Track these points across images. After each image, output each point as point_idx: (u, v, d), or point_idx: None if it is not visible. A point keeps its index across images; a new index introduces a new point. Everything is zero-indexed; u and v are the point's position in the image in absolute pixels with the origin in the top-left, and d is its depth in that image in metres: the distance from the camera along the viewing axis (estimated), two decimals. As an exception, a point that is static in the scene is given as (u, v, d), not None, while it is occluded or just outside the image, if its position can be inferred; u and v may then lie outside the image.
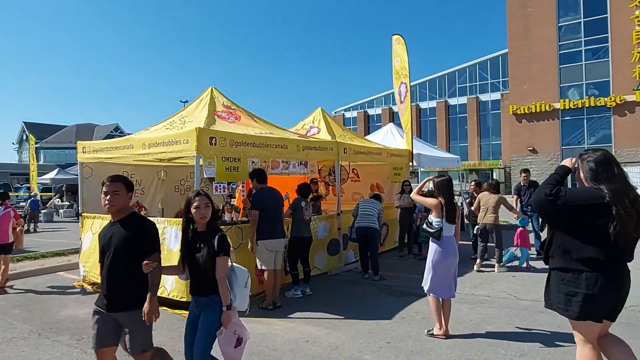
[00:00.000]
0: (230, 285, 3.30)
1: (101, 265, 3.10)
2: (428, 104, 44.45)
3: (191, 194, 3.36)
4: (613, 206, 2.70)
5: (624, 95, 28.12)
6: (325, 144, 7.58)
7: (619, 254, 2.83)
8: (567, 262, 2.92)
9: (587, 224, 2.81)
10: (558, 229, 3.01)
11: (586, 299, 2.84)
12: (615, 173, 2.82)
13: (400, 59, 9.34)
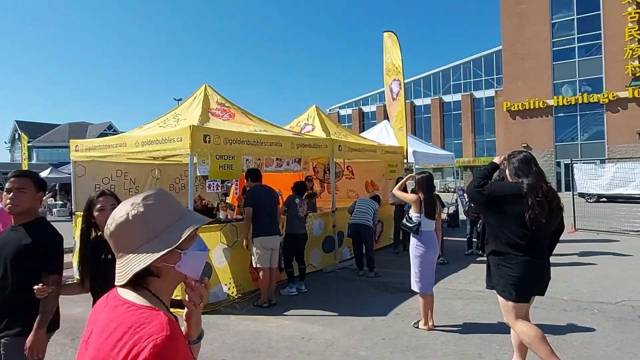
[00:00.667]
0: None
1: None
2: (423, 101, 44.49)
3: (94, 194, 2.68)
4: (528, 197, 3.23)
5: (617, 91, 28.29)
6: (319, 142, 7.58)
7: (538, 238, 3.32)
8: (499, 246, 3.42)
9: (508, 212, 3.31)
10: (488, 217, 3.58)
11: (520, 282, 3.31)
12: (532, 171, 3.35)
13: (392, 56, 9.33)
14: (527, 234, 3.27)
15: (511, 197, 3.31)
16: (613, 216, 13.19)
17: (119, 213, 1.13)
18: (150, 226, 1.11)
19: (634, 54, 27.65)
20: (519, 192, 3.27)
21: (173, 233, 1.12)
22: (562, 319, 5.06)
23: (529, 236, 3.27)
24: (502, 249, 3.39)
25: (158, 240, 1.10)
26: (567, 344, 4.39)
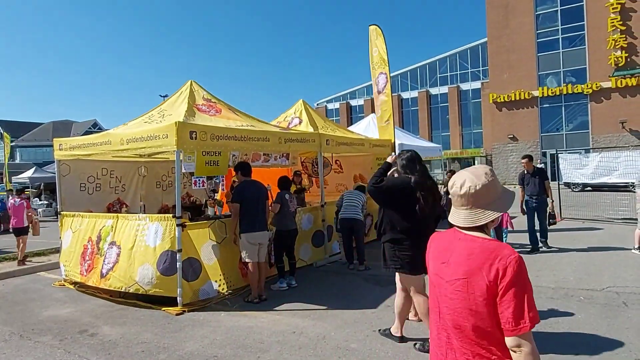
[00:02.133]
0: None
1: None
2: (410, 94, 44.61)
3: None
4: (416, 192, 3.82)
5: (600, 82, 28.65)
6: (307, 136, 7.56)
7: (425, 224, 3.92)
8: (395, 234, 4.02)
9: (401, 203, 3.90)
10: (386, 209, 4.11)
11: (412, 259, 3.96)
12: (417, 168, 3.95)
13: (378, 49, 9.31)
14: (416, 222, 3.91)
15: (404, 190, 3.88)
16: (598, 204, 13.40)
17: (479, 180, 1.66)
18: (496, 192, 1.66)
19: (616, 45, 28.00)
20: (408, 187, 3.86)
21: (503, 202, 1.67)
22: (549, 306, 5.13)
23: (418, 223, 3.91)
24: (398, 236, 4.02)
25: (496, 204, 1.66)
26: (554, 330, 4.46)
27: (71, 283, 7.11)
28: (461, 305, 1.59)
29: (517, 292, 1.50)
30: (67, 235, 7.13)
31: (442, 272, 1.71)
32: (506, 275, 1.50)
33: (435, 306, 1.75)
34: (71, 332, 5.04)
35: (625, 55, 27.84)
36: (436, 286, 1.74)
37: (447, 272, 1.68)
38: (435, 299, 1.76)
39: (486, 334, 1.55)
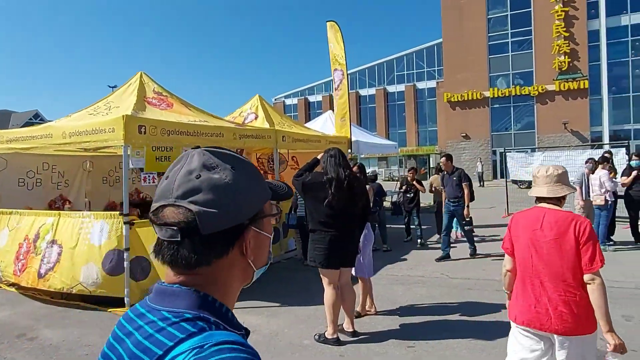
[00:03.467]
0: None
1: None
2: (368, 91, 45.13)
3: None
4: (329, 186, 4.05)
5: (546, 85, 30.11)
6: (263, 132, 7.47)
7: (341, 217, 4.14)
8: (314, 225, 4.24)
9: (318, 196, 4.11)
10: (305, 201, 4.37)
11: (326, 252, 4.15)
12: (335, 163, 4.14)
13: (335, 46, 9.34)
14: (332, 214, 4.11)
15: (320, 184, 4.11)
16: (542, 201, 14.09)
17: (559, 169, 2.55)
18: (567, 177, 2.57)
19: (560, 50, 29.49)
20: (324, 180, 4.10)
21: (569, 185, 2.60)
22: (495, 298, 5.33)
23: (334, 216, 4.12)
24: (315, 226, 4.22)
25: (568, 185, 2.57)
26: (500, 321, 4.63)
27: (8, 285, 6.69)
28: (556, 257, 2.39)
29: (592, 244, 2.33)
30: (3, 234, 6.69)
31: (535, 236, 2.47)
32: (584, 233, 2.34)
33: (529, 263, 2.51)
34: (8, 336, 4.74)
35: (568, 60, 29.38)
36: (530, 247, 2.49)
37: (541, 235, 2.46)
38: (528, 257, 2.50)
39: (571, 275, 2.37)
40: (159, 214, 0.77)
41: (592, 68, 29.36)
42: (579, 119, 29.23)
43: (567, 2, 29.30)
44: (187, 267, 0.77)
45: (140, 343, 0.72)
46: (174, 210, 0.76)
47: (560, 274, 2.40)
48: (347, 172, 4.18)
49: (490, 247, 8.46)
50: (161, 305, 0.76)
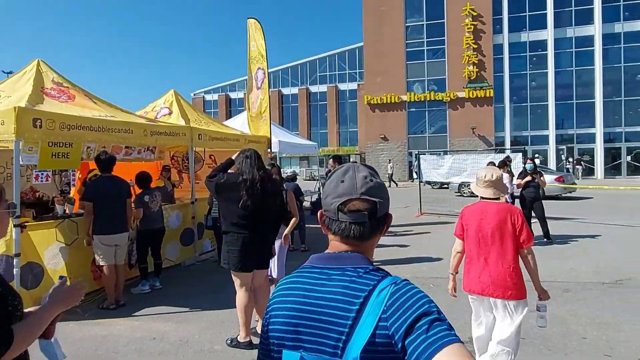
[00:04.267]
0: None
1: None
2: (290, 90, 45.21)
3: None
4: (243, 186, 4.00)
5: (457, 92, 32.22)
6: (177, 129, 7.15)
7: (254, 218, 4.09)
8: (227, 227, 4.16)
9: (231, 197, 4.05)
10: (219, 202, 4.28)
11: (240, 254, 4.09)
12: (249, 164, 4.09)
13: (256, 44, 9.21)
14: (245, 215, 4.06)
15: (233, 185, 4.05)
16: (452, 201, 15.07)
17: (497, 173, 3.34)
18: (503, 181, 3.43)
19: (469, 60, 31.71)
20: (239, 181, 4.04)
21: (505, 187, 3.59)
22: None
23: (248, 217, 4.07)
24: (229, 228, 4.15)
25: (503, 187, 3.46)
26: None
27: None
28: (498, 239, 3.19)
29: (525, 227, 3.19)
30: None
31: (482, 223, 3.26)
32: (518, 220, 3.19)
33: (478, 244, 3.27)
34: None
35: (476, 70, 31.69)
36: (479, 232, 3.26)
37: (486, 222, 3.24)
38: (477, 240, 3.27)
39: (510, 253, 3.19)
40: (347, 205, 1.13)
41: (497, 78, 31.94)
42: (485, 124, 31.67)
43: (476, 17, 31.57)
44: (361, 239, 1.15)
45: (347, 286, 1.07)
46: (361, 202, 1.13)
47: (502, 253, 3.20)
48: (261, 173, 4.14)
49: (402, 244, 8.85)
50: (342, 264, 1.12)
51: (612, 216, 12.22)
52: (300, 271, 1.18)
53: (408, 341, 0.96)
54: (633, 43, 30.19)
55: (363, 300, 1.03)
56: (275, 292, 1.19)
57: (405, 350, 0.96)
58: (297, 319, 1.09)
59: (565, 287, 5.98)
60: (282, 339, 1.10)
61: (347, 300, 1.05)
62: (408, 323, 0.97)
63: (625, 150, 30.70)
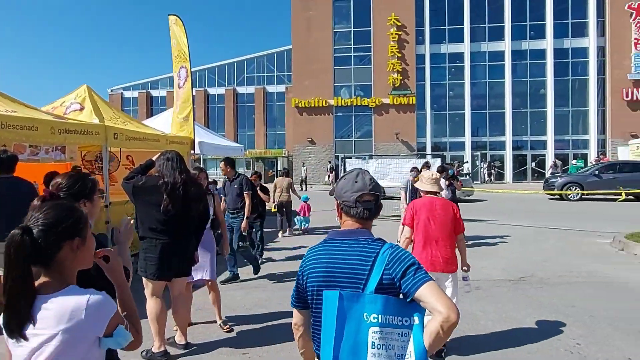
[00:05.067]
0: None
1: None
2: (217, 90, 44.09)
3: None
4: (163, 190, 3.82)
5: (382, 98, 33.37)
6: (89, 128, 6.63)
7: (174, 223, 3.90)
8: (144, 232, 3.96)
9: (150, 201, 3.87)
10: (136, 205, 4.05)
11: (158, 262, 3.90)
12: (170, 166, 3.92)
13: (178, 41, 8.85)
14: (164, 220, 3.87)
15: (153, 188, 3.86)
16: (375, 204, 15.51)
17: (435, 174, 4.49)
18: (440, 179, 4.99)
19: (394, 68, 33.02)
20: (157, 184, 3.87)
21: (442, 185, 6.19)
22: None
23: (167, 222, 3.87)
24: (146, 233, 3.95)
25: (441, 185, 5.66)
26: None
27: None
28: (443, 227, 4.07)
29: (460, 217, 4.21)
30: None
31: (432, 214, 4.10)
32: (457, 212, 4.17)
33: (426, 231, 4.08)
34: None
35: (400, 78, 33.06)
36: (429, 221, 4.08)
37: (435, 213, 4.10)
38: (426, 229, 4.08)
39: (452, 236, 4.12)
40: (362, 197, 1.75)
41: (419, 87, 33.55)
42: (408, 130, 33.12)
43: (400, 27, 32.96)
44: (368, 219, 1.79)
45: (363, 250, 1.67)
46: (370, 195, 1.77)
47: (446, 237, 4.10)
48: (184, 177, 3.95)
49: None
50: (355, 236, 1.73)
51: (518, 218, 13.29)
52: (326, 242, 1.80)
53: (402, 281, 1.59)
54: (537, 60, 33.19)
55: (374, 258, 1.65)
56: (309, 257, 1.80)
57: (401, 286, 1.59)
58: (331, 271, 1.68)
59: (477, 285, 6.37)
60: (320, 285, 1.68)
61: (363, 258, 1.66)
62: (402, 270, 1.60)
63: (530, 157, 33.64)
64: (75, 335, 1.41)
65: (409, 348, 1.51)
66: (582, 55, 32.82)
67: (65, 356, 1.41)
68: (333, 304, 1.56)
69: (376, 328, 1.52)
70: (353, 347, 1.51)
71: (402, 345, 1.52)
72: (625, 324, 4.84)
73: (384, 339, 1.51)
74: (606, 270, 7.23)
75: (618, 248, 8.85)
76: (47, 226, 1.45)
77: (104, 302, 1.47)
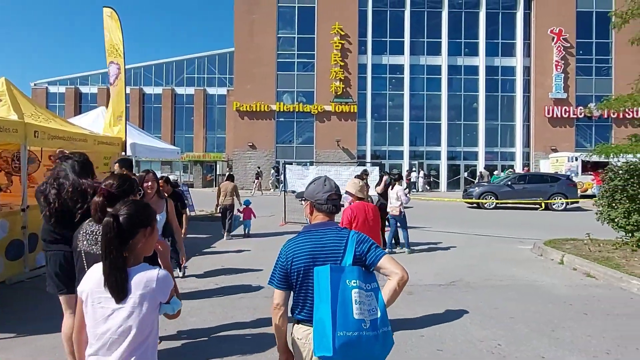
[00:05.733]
0: None
1: None
2: (153, 89, 42.46)
3: None
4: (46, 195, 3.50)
5: (324, 105, 33.70)
6: (6, 124, 6.09)
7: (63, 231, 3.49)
8: (44, 245, 3.65)
9: (40, 209, 3.61)
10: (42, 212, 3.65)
11: (57, 276, 3.56)
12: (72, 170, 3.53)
13: (111, 36, 8.40)
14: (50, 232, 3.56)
15: (38, 194, 3.58)
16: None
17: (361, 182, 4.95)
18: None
19: (336, 76, 33.49)
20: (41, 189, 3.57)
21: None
22: (264, 304, 5.52)
23: (52, 231, 3.56)
24: (45, 246, 3.67)
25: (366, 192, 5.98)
26: (266, 332, 4.79)
27: None
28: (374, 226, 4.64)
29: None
30: None
31: (368, 216, 4.60)
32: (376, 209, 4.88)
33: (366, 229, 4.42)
34: None
35: (342, 86, 33.58)
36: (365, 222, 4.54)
37: (368, 215, 4.61)
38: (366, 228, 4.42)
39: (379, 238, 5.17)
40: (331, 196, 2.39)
41: (360, 95, 34.24)
42: (349, 138, 33.67)
43: (343, 36, 33.54)
44: (334, 213, 2.40)
45: (336, 236, 2.27)
46: (336, 195, 2.42)
47: (378, 233, 4.82)
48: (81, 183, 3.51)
49: (269, 246, 8.84)
50: (328, 227, 2.32)
51: (450, 225, 13.89)
52: (304, 233, 2.31)
53: (368, 255, 2.20)
54: (470, 75, 35.07)
55: (345, 241, 2.23)
56: (292, 246, 2.27)
57: (367, 259, 2.20)
58: (314, 253, 2.21)
59: (409, 289, 6.55)
60: (307, 265, 2.19)
61: (337, 241, 2.24)
62: (367, 248, 2.22)
63: (463, 167, 35.38)
64: (149, 299, 1.89)
65: (374, 304, 2.14)
66: (510, 73, 35.11)
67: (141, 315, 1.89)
68: (325, 275, 2.11)
69: (356, 290, 2.10)
70: (342, 303, 2.06)
71: (370, 302, 2.13)
72: (541, 325, 5.17)
73: (361, 297, 2.10)
74: (526, 274, 7.72)
75: (537, 254, 9.48)
76: (129, 216, 1.95)
77: (167, 276, 1.98)
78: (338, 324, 2.03)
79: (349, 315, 2.05)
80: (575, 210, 19.75)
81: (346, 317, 2.05)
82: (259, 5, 33.73)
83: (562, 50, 33.52)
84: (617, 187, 8.97)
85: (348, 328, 2.04)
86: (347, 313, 2.05)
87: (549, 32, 33.56)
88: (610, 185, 9.11)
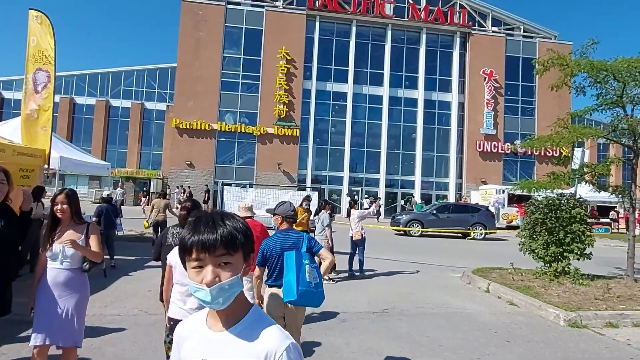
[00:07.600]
0: None
1: None
2: (86, 100, 40.29)
3: None
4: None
5: (266, 127, 33.64)
6: None
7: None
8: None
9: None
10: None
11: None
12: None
13: (39, 41, 7.87)
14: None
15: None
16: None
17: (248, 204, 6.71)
18: None
19: (281, 99, 33.69)
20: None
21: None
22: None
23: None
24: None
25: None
26: None
27: None
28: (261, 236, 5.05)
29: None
30: None
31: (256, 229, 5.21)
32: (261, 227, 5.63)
33: None
34: None
35: (286, 109, 33.79)
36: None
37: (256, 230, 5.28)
38: None
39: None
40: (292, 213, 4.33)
41: (303, 120, 34.59)
42: (290, 161, 33.74)
43: (289, 61, 33.95)
44: (293, 224, 4.44)
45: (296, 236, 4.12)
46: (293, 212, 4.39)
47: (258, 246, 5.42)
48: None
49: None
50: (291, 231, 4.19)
51: (383, 251, 14.14)
52: (277, 234, 4.09)
53: (314, 247, 4.01)
54: (410, 107, 36.65)
55: (302, 239, 4.02)
56: (270, 242, 4.03)
57: (313, 248, 3.99)
58: (284, 245, 3.94)
59: (344, 317, 6.51)
60: (279, 253, 3.89)
61: (297, 239, 4.01)
62: (314, 242, 4.07)
63: (400, 195, 36.51)
64: None
65: (316, 274, 3.76)
66: (446, 108, 37.15)
67: None
68: (292, 256, 3.73)
69: (308, 265, 3.71)
70: (301, 274, 3.64)
71: (314, 273, 3.74)
72: (467, 352, 5.31)
73: (310, 269, 3.70)
74: (455, 302, 7.96)
75: (466, 282, 9.85)
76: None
77: None
78: (300, 282, 3.60)
79: (304, 278, 3.63)
80: (495, 240, 20.91)
81: (303, 279, 3.62)
82: (206, 23, 33.47)
83: (493, 89, 36.11)
84: (537, 220, 9.58)
85: (304, 285, 3.60)
86: (303, 277, 3.63)
87: (481, 73, 36.04)
88: (532, 218, 9.72)
